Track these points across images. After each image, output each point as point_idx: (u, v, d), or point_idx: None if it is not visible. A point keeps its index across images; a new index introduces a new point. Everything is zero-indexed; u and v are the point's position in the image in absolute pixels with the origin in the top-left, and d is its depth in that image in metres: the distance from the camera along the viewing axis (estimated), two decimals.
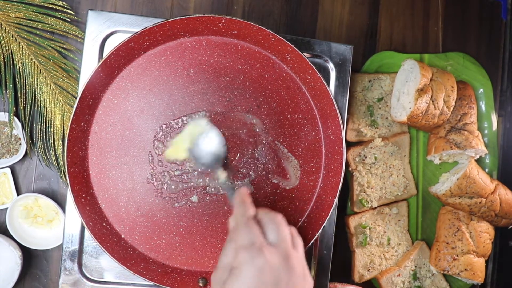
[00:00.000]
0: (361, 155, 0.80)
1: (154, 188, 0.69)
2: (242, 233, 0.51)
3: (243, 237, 0.50)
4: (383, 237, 0.80)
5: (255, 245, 0.49)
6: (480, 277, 0.78)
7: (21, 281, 0.77)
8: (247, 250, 0.49)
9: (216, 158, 0.65)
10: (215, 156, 0.65)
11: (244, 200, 0.55)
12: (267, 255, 0.49)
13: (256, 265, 0.48)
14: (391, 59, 0.83)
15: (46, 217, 0.76)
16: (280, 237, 0.52)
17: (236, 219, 0.54)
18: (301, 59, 0.67)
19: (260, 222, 0.53)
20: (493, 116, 0.85)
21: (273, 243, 0.51)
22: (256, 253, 0.49)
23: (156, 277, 0.65)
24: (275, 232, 0.52)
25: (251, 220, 0.53)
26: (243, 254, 0.49)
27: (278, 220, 0.53)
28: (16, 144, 0.77)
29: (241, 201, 0.55)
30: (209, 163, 0.64)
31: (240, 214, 0.54)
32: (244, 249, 0.49)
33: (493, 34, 0.89)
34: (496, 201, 0.78)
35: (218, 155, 0.65)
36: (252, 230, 0.51)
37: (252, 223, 0.52)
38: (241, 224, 0.52)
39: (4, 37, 0.75)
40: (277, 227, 0.52)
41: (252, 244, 0.50)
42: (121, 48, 0.65)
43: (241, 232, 0.51)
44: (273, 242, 0.51)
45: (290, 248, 0.52)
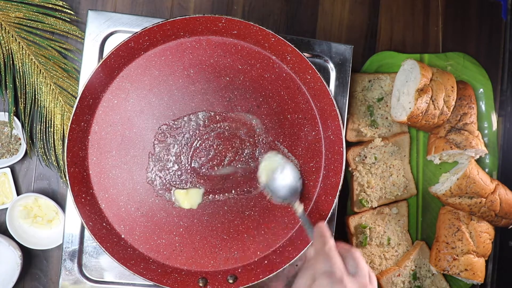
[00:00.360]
0: (361, 155, 0.80)
1: (154, 188, 0.69)
2: (323, 261, 0.53)
3: (324, 265, 0.52)
4: (383, 237, 0.80)
5: (336, 273, 0.51)
6: (480, 277, 0.78)
7: (21, 281, 0.77)
8: (328, 277, 0.51)
9: (293, 191, 0.67)
10: (291, 189, 0.67)
11: (324, 232, 0.57)
12: (347, 285, 0.50)
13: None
14: (391, 59, 0.83)
15: (46, 217, 0.76)
16: (360, 271, 0.53)
17: (316, 248, 0.55)
18: (301, 59, 0.67)
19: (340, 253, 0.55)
20: (493, 116, 0.85)
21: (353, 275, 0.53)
22: (336, 281, 0.50)
23: (156, 277, 0.65)
24: (354, 265, 0.54)
25: (334, 251, 0.54)
26: (323, 280, 0.51)
27: (358, 254, 0.55)
28: (16, 144, 0.77)
29: (321, 232, 0.57)
30: (286, 196, 0.67)
31: (321, 244, 0.55)
32: (325, 276, 0.51)
33: (493, 34, 0.89)
34: (496, 201, 0.78)
35: (294, 188, 0.67)
36: (333, 260, 0.53)
37: (335, 254, 0.54)
38: (322, 253, 0.54)
39: (4, 37, 0.75)
40: (357, 261, 0.54)
41: (333, 272, 0.51)
42: (121, 48, 0.65)
43: (322, 260, 0.53)
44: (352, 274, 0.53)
45: (368, 283, 0.53)
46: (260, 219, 0.70)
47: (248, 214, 0.70)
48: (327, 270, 0.51)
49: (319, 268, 0.52)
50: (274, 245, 0.70)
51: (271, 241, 0.70)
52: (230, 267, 0.69)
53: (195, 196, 0.68)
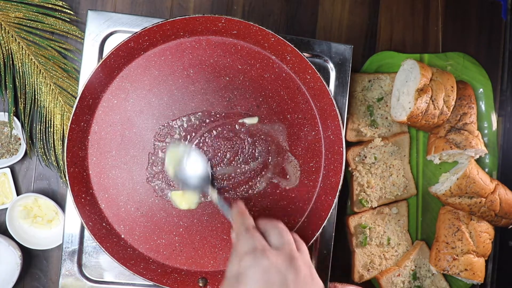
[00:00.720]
0: (361, 155, 0.80)
1: (153, 188, 0.69)
2: (244, 241, 0.52)
3: (245, 244, 0.51)
4: (383, 237, 0.80)
5: (257, 249, 0.50)
6: (480, 277, 0.78)
7: (21, 281, 0.77)
8: (250, 255, 0.50)
9: (203, 178, 0.66)
10: (201, 177, 0.66)
11: (242, 211, 0.56)
12: (271, 257, 0.49)
13: (261, 266, 0.48)
14: (391, 59, 0.83)
15: (46, 217, 0.77)
16: (283, 241, 0.52)
17: (236, 230, 0.54)
18: (301, 59, 0.67)
19: (261, 230, 0.54)
20: (493, 116, 0.84)
21: (277, 247, 0.52)
22: (259, 256, 0.49)
23: (156, 277, 0.65)
24: (277, 237, 0.53)
25: (251, 228, 0.53)
26: (246, 259, 0.49)
27: (279, 226, 0.54)
28: (16, 144, 0.77)
29: (238, 213, 0.56)
30: (198, 185, 0.65)
31: (239, 224, 0.54)
32: (247, 254, 0.50)
33: (493, 34, 0.89)
34: (496, 201, 0.78)
35: (204, 175, 0.66)
36: (253, 237, 0.52)
37: (253, 230, 0.53)
38: (242, 233, 0.53)
39: (4, 37, 0.75)
40: (279, 232, 0.53)
41: (255, 248, 0.50)
42: (121, 48, 0.65)
43: (243, 240, 0.52)
44: (277, 246, 0.52)
45: (295, 251, 0.52)
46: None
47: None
48: (249, 248, 0.50)
49: (242, 248, 0.51)
50: None
51: None
52: None
53: (192, 196, 0.68)
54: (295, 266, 0.50)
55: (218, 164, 0.69)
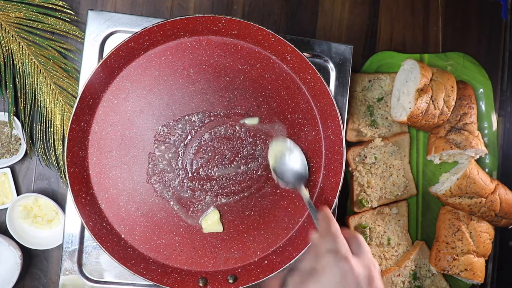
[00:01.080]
0: (361, 155, 0.80)
1: (154, 188, 0.69)
2: (328, 240, 0.52)
3: (329, 244, 0.52)
4: (383, 237, 0.80)
5: (341, 251, 0.51)
6: (480, 277, 0.78)
7: (21, 281, 0.77)
8: (332, 254, 0.50)
9: (299, 176, 0.67)
10: (297, 174, 0.67)
11: (329, 216, 0.57)
12: (352, 262, 0.50)
13: (341, 269, 0.49)
14: (391, 59, 0.83)
15: (46, 217, 0.76)
16: (364, 252, 0.53)
17: (321, 231, 0.55)
18: (301, 59, 0.67)
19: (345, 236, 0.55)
20: (493, 116, 0.84)
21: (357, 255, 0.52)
22: (342, 258, 0.50)
23: (156, 277, 0.65)
24: (358, 246, 0.54)
25: (338, 231, 0.54)
26: (328, 257, 0.50)
27: (361, 238, 0.55)
28: (16, 144, 0.77)
29: (326, 216, 0.57)
30: (292, 180, 0.67)
31: (326, 226, 0.55)
32: (329, 253, 0.51)
33: (493, 34, 0.89)
34: (496, 201, 0.78)
35: (300, 173, 0.68)
36: (338, 239, 0.52)
37: (339, 234, 0.54)
38: (327, 234, 0.53)
39: (4, 37, 0.75)
40: (361, 243, 0.54)
41: (338, 250, 0.51)
42: (121, 48, 0.65)
43: (327, 240, 0.53)
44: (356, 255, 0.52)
45: (373, 264, 0.53)
46: (260, 219, 0.70)
47: (248, 214, 0.70)
48: (331, 248, 0.51)
49: (323, 248, 0.52)
50: (274, 245, 0.70)
51: (271, 241, 0.70)
52: (230, 267, 0.69)
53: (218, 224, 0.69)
54: (371, 277, 0.51)
55: (218, 164, 0.69)
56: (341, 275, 0.49)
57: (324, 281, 0.49)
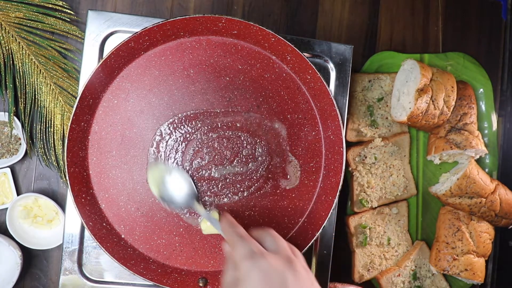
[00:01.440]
0: (361, 155, 0.80)
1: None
2: (240, 247, 0.51)
3: (242, 250, 0.51)
4: (383, 237, 0.80)
5: (255, 252, 0.50)
6: (480, 277, 0.78)
7: (21, 281, 0.77)
8: (248, 259, 0.49)
9: (189, 195, 0.65)
10: (187, 194, 0.65)
11: (231, 221, 0.56)
12: (269, 259, 0.49)
13: (261, 269, 0.48)
14: (391, 59, 0.83)
15: (46, 217, 0.76)
16: (279, 246, 0.52)
17: (229, 240, 0.54)
18: (301, 59, 0.67)
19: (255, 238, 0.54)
20: (493, 116, 0.85)
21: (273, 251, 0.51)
22: (258, 258, 0.49)
23: (156, 277, 0.65)
24: (272, 242, 0.53)
25: (245, 235, 0.53)
26: (245, 263, 0.49)
27: (273, 233, 0.54)
28: (16, 144, 0.77)
29: (229, 223, 0.56)
30: (185, 202, 0.65)
31: (232, 233, 0.54)
32: (245, 259, 0.49)
33: (493, 34, 0.89)
34: (496, 201, 0.78)
35: (189, 192, 0.65)
36: (249, 242, 0.51)
37: (248, 236, 0.53)
38: (236, 241, 0.52)
39: (4, 37, 0.75)
40: (273, 238, 0.53)
41: (253, 252, 0.50)
42: (121, 48, 0.65)
43: (239, 247, 0.51)
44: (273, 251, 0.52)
45: (291, 255, 0.52)
46: (260, 219, 0.70)
47: (248, 214, 0.70)
48: (245, 252, 0.50)
49: (237, 255, 0.50)
50: None
51: None
52: None
53: None
54: (294, 268, 0.50)
55: (218, 164, 0.69)
56: (263, 276, 0.48)
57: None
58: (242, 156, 0.70)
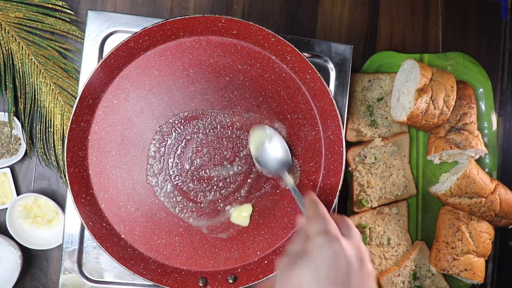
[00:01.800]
0: (361, 155, 0.80)
1: (153, 188, 0.69)
2: (318, 223, 0.51)
3: (319, 226, 0.50)
4: (383, 237, 0.80)
5: (331, 232, 0.49)
6: (480, 277, 0.78)
7: (21, 281, 0.77)
8: (323, 235, 0.49)
9: (282, 162, 0.67)
10: (280, 161, 0.67)
11: (316, 200, 0.56)
12: (343, 243, 0.49)
13: (333, 249, 0.48)
14: (391, 59, 0.83)
15: (46, 217, 0.77)
16: (353, 233, 0.52)
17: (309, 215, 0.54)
18: (301, 59, 0.67)
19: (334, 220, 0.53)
20: (493, 116, 0.84)
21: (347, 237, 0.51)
22: (333, 239, 0.49)
23: (156, 277, 0.65)
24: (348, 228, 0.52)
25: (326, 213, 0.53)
26: (319, 238, 0.49)
27: (348, 220, 0.54)
28: (16, 144, 0.77)
29: (312, 200, 0.56)
30: (276, 167, 0.67)
31: (313, 209, 0.54)
32: (320, 234, 0.49)
33: (493, 34, 0.89)
34: (496, 201, 0.78)
35: (283, 160, 0.67)
36: (328, 221, 0.51)
37: (328, 216, 0.52)
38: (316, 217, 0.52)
39: (4, 37, 0.75)
40: (349, 226, 0.53)
41: (329, 232, 0.49)
42: (121, 48, 0.65)
43: (316, 222, 0.51)
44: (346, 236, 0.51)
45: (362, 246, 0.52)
46: (260, 219, 0.70)
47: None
48: (322, 229, 0.50)
49: (313, 229, 0.50)
50: (274, 245, 0.70)
51: (271, 241, 0.70)
52: (230, 267, 0.69)
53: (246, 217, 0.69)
54: (362, 259, 0.50)
55: (218, 164, 0.69)
56: (333, 255, 0.47)
57: (315, 261, 0.47)
58: (242, 156, 0.70)
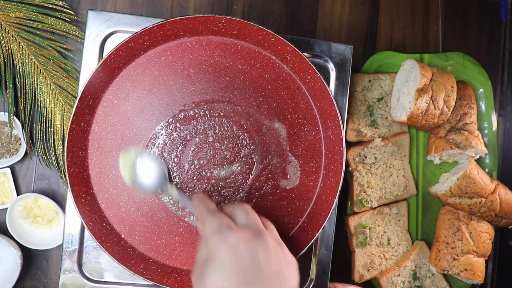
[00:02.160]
0: (361, 155, 0.80)
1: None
2: (209, 222, 0.49)
3: (210, 225, 0.49)
4: (383, 237, 0.80)
5: (223, 227, 0.48)
6: (480, 277, 0.78)
7: (21, 281, 0.77)
8: (217, 234, 0.48)
9: (161, 177, 0.64)
10: (159, 177, 0.64)
11: (202, 198, 0.54)
12: (238, 233, 0.47)
13: (229, 243, 0.46)
14: (391, 59, 0.83)
15: (46, 217, 0.77)
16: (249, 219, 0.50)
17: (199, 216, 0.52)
18: (301, 59, 0.67)
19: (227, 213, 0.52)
20: (493, 116, 0.85)
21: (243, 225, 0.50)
22: (226, 233, 0.47)
23: (156, 277, 0.65)
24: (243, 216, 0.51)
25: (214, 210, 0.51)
26: (214, 238, 0.47)
27: (245, 207, 0.52)
28: (16, 144, 0.77)
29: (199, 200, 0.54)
30: (158, 185, 0.64)
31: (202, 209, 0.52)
32: (213, 234, 0.48)
33: (493, 34, 0.89)
34: (496, 201, 0.78)
35: (161, 174, 0.64)
36: (217, 216, 0.50)
37: (217, 211, 0.51)
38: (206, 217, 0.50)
39: (4, 37, 0.75)
40: (245, 212, 0.51)
41: (221, 227, 0.48)
42: (121, 48, 0.65)
43: (208, 222, 0.49)
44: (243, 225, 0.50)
45: (262, 227, 0.50)
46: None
47: None
48: (214, 228, 0.48)
49: (206, 231, 0.49)
50: None
51: None
52: None
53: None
54: (264, 240, 0.48)
55: (218, 164, 0.69)
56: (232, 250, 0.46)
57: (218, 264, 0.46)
58: (242, 156, 0.70)
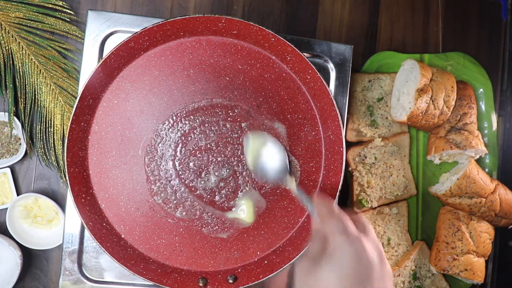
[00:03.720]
0: (361, 155, 0.80)
1: (153, 188, 0.69)
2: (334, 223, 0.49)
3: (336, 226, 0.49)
4: (383, 237, 0.80)
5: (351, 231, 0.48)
6: (480, 277, 0.78)
7: (21, 281, 0.77)
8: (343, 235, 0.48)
9: (282, 169, 0.65)
10: (280, 168, 0.65)
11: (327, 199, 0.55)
12: (365, 243, 0.48)
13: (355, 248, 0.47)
14: (391, 59, 0.83)
15: (46, 217, 0.77)
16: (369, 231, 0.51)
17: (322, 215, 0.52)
18: (301, 59, 0.67)
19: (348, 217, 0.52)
20: (493, 116, 0.85)
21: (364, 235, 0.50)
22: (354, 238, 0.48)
23: (156, 277, 0.65)
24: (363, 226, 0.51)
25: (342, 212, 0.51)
26: (339, 237, 0.48)
27: (363, 216, 0.52)
28: (16, 144, 0.77)
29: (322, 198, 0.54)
30: (276, 176, 0.65)
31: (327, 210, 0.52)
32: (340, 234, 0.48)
33: (493, 34, 0.89)
34: (496, 201, 0.78)
35: (282, 165, 0.66)
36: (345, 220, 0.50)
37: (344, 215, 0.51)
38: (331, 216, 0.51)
39: (4, 37, 0.75)
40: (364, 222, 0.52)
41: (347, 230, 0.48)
42: (121, 48, 0.65)
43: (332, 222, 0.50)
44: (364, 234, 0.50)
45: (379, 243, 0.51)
46: (260, 219, 0.70)
47: None
48: (340, 229, 0.48)
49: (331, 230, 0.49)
50: (274, 245, 0.70)
51: (271, 241, 0.70)
52: (230, 267, 0.69)
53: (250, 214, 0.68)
54: (382, 259, 0.49)
55: (218, 164, 0.69)
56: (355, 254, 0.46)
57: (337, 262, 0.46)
58: (242, 156, 0.70)
